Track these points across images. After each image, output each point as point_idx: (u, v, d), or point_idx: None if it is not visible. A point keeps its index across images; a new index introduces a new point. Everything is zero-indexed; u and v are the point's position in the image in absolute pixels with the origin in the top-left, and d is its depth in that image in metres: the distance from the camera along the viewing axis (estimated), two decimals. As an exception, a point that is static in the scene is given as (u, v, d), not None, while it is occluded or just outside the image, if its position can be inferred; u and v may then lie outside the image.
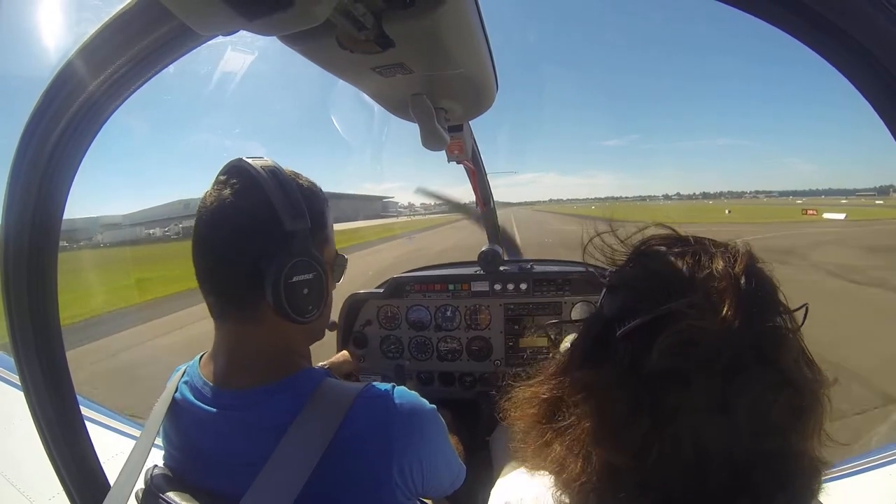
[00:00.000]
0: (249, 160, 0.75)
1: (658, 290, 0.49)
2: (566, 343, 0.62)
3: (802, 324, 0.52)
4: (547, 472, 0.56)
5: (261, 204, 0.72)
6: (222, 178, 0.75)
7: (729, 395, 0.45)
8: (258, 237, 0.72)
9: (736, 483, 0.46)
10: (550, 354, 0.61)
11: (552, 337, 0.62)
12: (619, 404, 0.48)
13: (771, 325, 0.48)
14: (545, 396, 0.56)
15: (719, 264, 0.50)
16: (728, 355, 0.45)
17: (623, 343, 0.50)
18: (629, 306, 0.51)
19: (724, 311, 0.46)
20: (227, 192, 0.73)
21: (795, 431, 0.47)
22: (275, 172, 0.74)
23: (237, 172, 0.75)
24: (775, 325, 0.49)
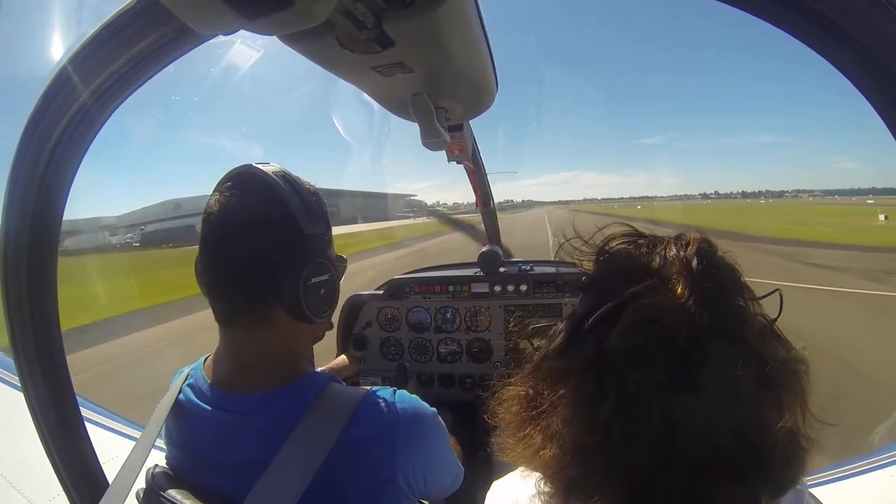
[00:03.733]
0: (259, 166, 0.75)
1: (619, 282, 0.52)
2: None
3: (780, 311, 0.54)
4: (530, 467, 0.57)
5: (274, 204, 0.72)
6: (228, 183, 0.74)
7: (694, 370, 0.46)
8: (271, 240, 0.72)
9: (708, 458, 0.46)
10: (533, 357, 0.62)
11: (532, 344, 0.63)
12: (586, 386, 0.50)
13: (729, 304, 0.50)
14: (523, 392, 0.58)
15: (672, 251, 0.53)
16: (687, 331, 0.47)
17: (591, 333, 0.52)
18: (595, 302, 0.53)
19: (679, 290, 0.49)
20: (234, 197, 0.72)
21: (767, 404, 0.47)
22: (286, 177, 0.75)
23: (246, 178, 0.74)
24: (735, 304, 0.51)
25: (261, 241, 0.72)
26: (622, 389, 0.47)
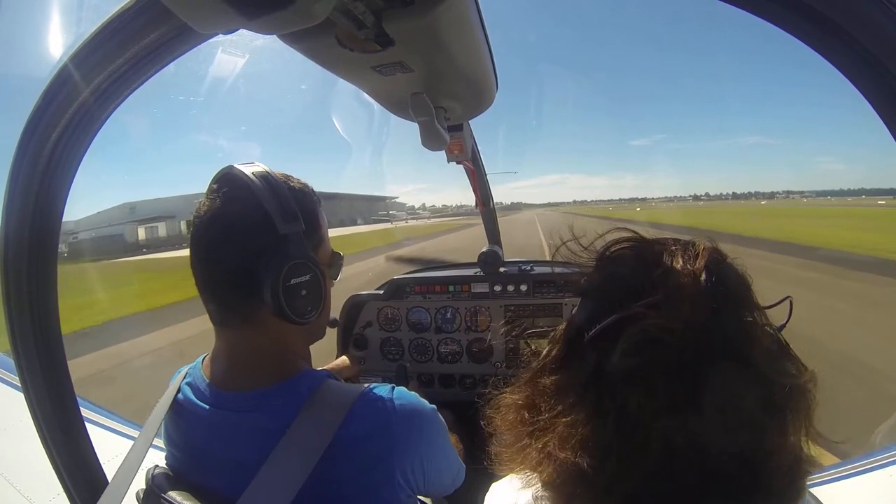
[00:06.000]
0: (239, 166, 0.76)
1: (622, 293, 0.49)
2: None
3: (788, 318, 0.51)
4: (530, 474, 0.56)
5: (252, 209, 0.72)
6: (214, 186, 0.76)
7: (697, 393, 0.44)
8: (252, 242, 0.73)
9: (708, 483, 0.45)
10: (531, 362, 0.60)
11: (532, 347, 0.61)
12: (584, 406, 0.49)
13: (738, 321, 0.48)
14: (521, 402, 0.56)
15: (679, 262, 0.50)
16: (692, 352, 0.45)
17: (591, 347, 0.50)
18: (596, 312, 0.51)
19: (685, 308, 0.46)
20: (218, 200, 0.74)
21: (772, 428, 0.46)
22: (265, 177, 0.75)
23: (228, 180, 0.75)
24: (744, 320, 0.48)
25: (242, 245, 0.73)
26: (622, 412, 0.46)
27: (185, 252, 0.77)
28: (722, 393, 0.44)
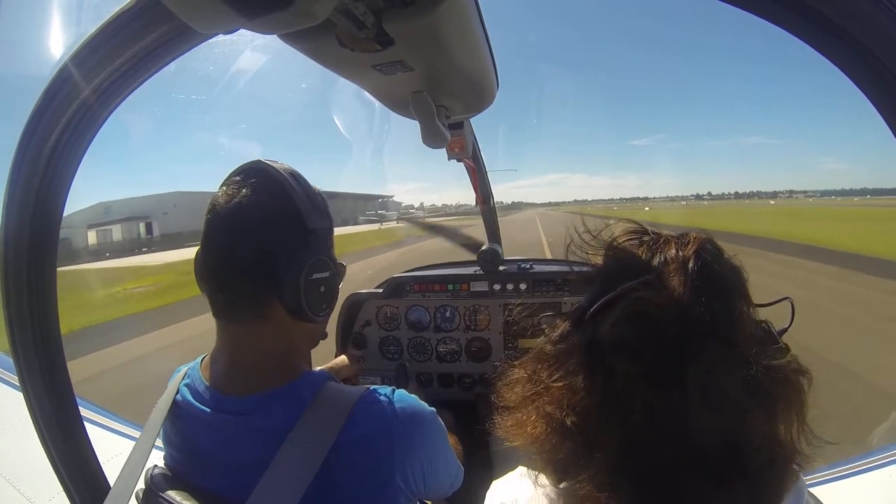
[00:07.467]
0: (268, 162, 0.77)
1: (621, 276, 0.54)
2: None
3: (792, 320, 0.55)
4: (521, 445, 0.58)
5: (284, 200, 0.74)
6: (237, 178, 0.75)
7: (680, 366, 0.47)
8: (279, 233, 0.73)
9: (687, 456, 0.47)
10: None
11: (546, 332, 0.64)
12: (578, 371, 0.52)
13: (724, 304, 0.51)
14: (525, 375, 0.60)
15: (672, 250, 0.56)
16: (678, 328, 0.48)
17: (590, 322, 0.54)
18: (598, 294, 0.55)
19: (673, 288, 0.51)
20: (244, 189, 0.73)
21: (753, 410, 0.48)
22: (294, 175, 0.77)
23: (256, 172, 0.76)
24: (731, 306, 0.51)
25: (269, 237, 0.73)
26: (609, 377, 0.49)
27: (132, 260, 0.74)
28: (704, 369, 0.47)
